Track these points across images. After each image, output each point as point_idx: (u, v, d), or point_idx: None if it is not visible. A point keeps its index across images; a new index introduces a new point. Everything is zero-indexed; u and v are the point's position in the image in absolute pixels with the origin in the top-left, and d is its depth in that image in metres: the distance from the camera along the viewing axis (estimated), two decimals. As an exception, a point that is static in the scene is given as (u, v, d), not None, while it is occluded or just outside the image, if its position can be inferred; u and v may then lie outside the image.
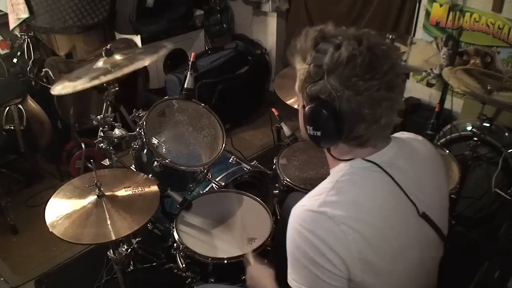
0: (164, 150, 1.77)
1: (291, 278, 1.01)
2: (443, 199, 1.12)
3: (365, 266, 0.96)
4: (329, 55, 0.93)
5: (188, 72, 1.98)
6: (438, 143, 2.29)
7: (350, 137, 0.98)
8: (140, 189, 1.61)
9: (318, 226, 0.95)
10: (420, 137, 1.14)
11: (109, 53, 1.80)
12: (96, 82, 1.67)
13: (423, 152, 1.11)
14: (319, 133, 0.98)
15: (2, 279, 2.23)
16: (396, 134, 1.11)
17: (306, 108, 0.99)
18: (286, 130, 2.08)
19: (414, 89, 2.89)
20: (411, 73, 2.85)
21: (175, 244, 1.66)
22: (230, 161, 2.06)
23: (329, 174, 1.08)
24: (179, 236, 1.64)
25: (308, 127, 1.00)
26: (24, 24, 2.70)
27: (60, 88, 1.72)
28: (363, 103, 0.93)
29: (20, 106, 2.51)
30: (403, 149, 1.05)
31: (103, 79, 1.68)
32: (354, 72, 0.92)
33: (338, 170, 1.03)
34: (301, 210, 0.99)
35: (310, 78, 0.97)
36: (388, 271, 1.00)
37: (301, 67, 1.01)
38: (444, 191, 1.14)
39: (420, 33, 2.72)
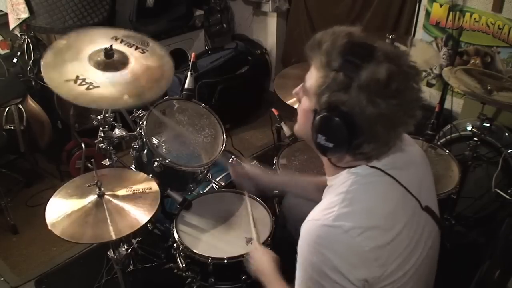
0: (164, 150, 1.77)
1: None
2: (434, 192, 1.16)
3: (383, 269, 0.96)
4: (367, 70, 0.90)
5: (189, 72, 1.99)
6: (438, 143, 2.29)
7: (357, 152, 0.97)
8: (140, 189, 1.61)
9: (335, 241, 0.93)
10: (406, 135, 1.14)
11: (109, 55, 1.77)
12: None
13: (414, 149, 1.13)
14: (330, 145, 0.95)
15: (2, 279, 2.23)
16: None
17: (321, 115, 0.95)
18: (286, 130, 2.08)
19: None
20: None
21: (175, 244, 1.66)
22: (230, 161, 2.06)
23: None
24: (179, 236, 1.64)
25: (318, 135, 0.96)
26: (24, 24, 2.70)
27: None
28: (382, 124, 0.92)
29: (20, 106, 2.52)
30: (398, 149, 1.05)
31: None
32: (384, 93, 0.90)
33: (343, 180, 1.01)
34: (315, 225, 0.96)
35: (335, 85, 0.92)
36: (405, 266, 1.01)
37: (322, 70, 0.96)
38: (433, 185, 1.16)
39: (420, 33, 2.71)
